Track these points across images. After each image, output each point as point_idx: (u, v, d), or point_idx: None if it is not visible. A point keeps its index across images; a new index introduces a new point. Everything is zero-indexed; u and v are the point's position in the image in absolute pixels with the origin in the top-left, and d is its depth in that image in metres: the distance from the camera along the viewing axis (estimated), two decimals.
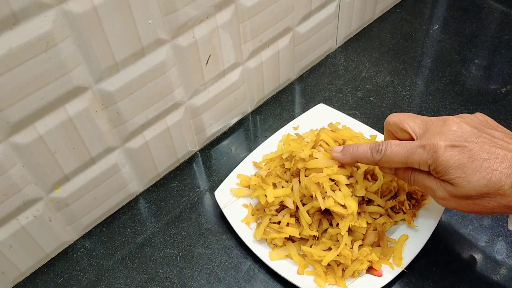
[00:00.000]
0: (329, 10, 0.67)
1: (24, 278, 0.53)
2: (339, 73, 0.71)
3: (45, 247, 0.52)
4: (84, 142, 0.48)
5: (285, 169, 0.53)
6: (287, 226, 0.50)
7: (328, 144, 0.52)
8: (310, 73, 0.72)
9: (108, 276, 0.52)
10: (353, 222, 0.48)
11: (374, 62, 0.72)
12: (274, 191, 0.51)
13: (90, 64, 0.44)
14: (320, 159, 0.49)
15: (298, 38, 0.66)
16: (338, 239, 0.48)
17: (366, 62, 0.73)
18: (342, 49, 0.75)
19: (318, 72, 0.72)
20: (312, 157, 0.49)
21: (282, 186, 0.52)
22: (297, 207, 0.50)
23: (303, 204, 0.50)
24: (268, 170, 0.55)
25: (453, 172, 0.39)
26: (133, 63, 0.47)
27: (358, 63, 0.73)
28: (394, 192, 0.52)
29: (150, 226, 0.56)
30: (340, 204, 0.47)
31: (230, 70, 0.59)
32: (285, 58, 0.66)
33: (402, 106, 0.66)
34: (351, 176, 0.49)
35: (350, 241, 0.48)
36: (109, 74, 0.46)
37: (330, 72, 0.72)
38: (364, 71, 0.71)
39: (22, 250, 0.50)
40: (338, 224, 0.48)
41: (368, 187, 0.49)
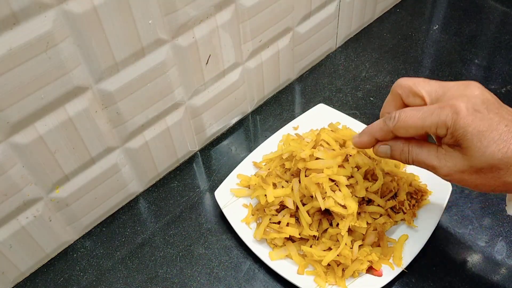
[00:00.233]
0: (329, 10, 0.67)
1: (24, 278, 0.53)
2: (339, 73, 0.71)
3: (45, 247, 0.52)
4: (84, 142, 0.48)
5: (285, 169, 0.53)
6: (287, 226, 0.50)
7: (328, 144, 0.52)
8: (310, 73, 0.72)
9: (108, 276, 0.52)
10: (353, 222, 0.48)
11: (374, 62, 0.72)
12: (274, 191, 0.51)
13: (90, 64, 0.44)
14: (320, 160, 0.49)
15: (298, 38, 0.66)
16: (338, 239, 0.48)
17: (366, 62, 0.73)
18: (342, 49, 0.75)
19: (318, 72, 0.72)
20: (312, 157, 0.49)
21: (282, 186, 0.52)
22: (297, 207, 0.50)
23: (303, 204, 0.50)
24: (268, 170, 0.55)
25: (470, 139, 0.37)
26: (133, 63, 0.47)
27: (358, 63, 0.73)
28: (394, 192, 0.52)
29: (150, 226, 0.56)
30: (340, 204, 0.47)
31: (230, 70, 0.59)
32: (285, 58, 0.66)
33: None
34: (351, 176, 0.49)
35: (350, 241, 0.48)
36: (109, 74, 0.46)
37: (330, 72, 0.72)
38: (364, 71, 0.71)
39: (22, 250, 0.50)
40: (338, 224, 0.48)
41: (368, 187, 0.49)
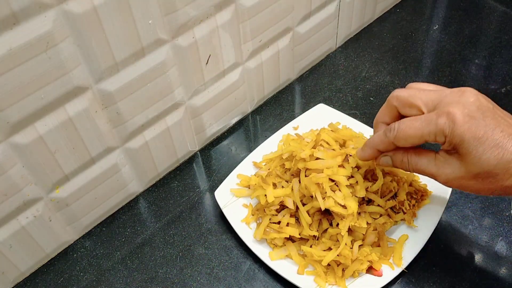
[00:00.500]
0: (329, 10, 0.67)
1: (24, 278, 0.53)
2: (339, 73, 0.71)
3: (45, 247, 0.52)
4: (84, 142, 0.48)
5: (285, 169, 0.53)
6: (287, 226, 0.50)
7: (328, 144, 0.52)
8: (310, 73, 0.72)
9: (108, 276, 0.52)
10: (353, 222, 0.48)
11: (374, 62, 0.72)
12: (274, 191, 0.51)
13: (90, 64, 0.44)
14: (320, 160, 0.49)
15: (298, 38, 0.66)
16: (338, 239, 0.48)
17: (366, 62, 0.73)
18: (342, 49, 0.75)
19: (318, 72, 0.72)
20: (312, 157, 0.49)
21: (282, 186, 0.52)
22: (297, 207, 0.50)
23: (303, 204, 0.50)
24: (268, 170, 0.55)
25: (467, 146, 0.38)
26: (133, 63, 0.47)
27: (358, 63, 0.73)
28: (394, 192, 0.52)
29: (150, 226, 0.56)
30: (340, 204, 0.47)
31: (230, 70, 0.59)
32: (285, 58, 0.66)
33: None
34: (351, 176, 0.49)
35: (350, 241, 0.48)
36: (109, 74, 0.46)
37: (330, 72, 0.72)
38: (364, 71, 0.71)
39: (22, 250, 0.50)
40: (338, 224, 0.48)
41: (368, 187, 0.49)
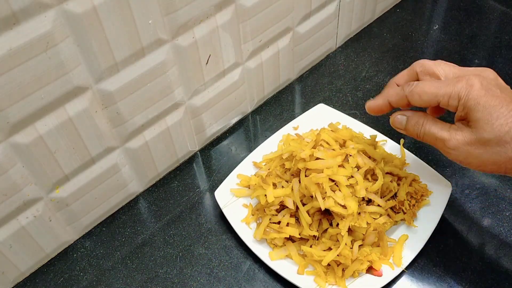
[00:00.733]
0: (329, 10, 0.67)
1: (24, 278, 0.53)
2: (339, 73, 0.71)
3: (45, 247, 0.52)
4: (84, 142, 0.48)
5: (285, 169, 0.53)
6: (287, 226, 0.50)
7: (328, 144, 0.52)
8: (310, 73, 0.72)
9: (108, 276, 0.52)
10: (353, 222, 0.48)
11: (374, 62, 0.72)
12: (274, 191, 0.51)
13: (90, 64, 0.44)
14: (320, 160, 0.49)
15: (298, 38, 0.66)
16: (338, 239, 0.48)
17: (366, 62, 0.73)
18: (342, 49, 0.75)
19: (318, 72, 0.72)
20: (312, 157, 0.49)
21: (282, 186, 0.52)
22: (297, 207, 0.50)
23: (303, 204, 0.50)
24: (268, 170, 0.55)
25: (480, 110, 0.40)
26: (133, 63, 0.47)
27: (358, 63, 0.73)
28: (394, 192, 0.52)
29: (150, 226, 0.56)
30: (340, 204, 0.47)
31: (230, 70, 0.59)
32: (285, 58, 0.66)
33: None
34: (351, 176, 0.49)
35: (350, 241, 0.48)
36: (109, 74, 0.46)
37: (330, 72, 0.72)
38: (364, 71, 0.71)
39: (22, 250, 0.50)
40: (338, 224, 0.48)
41: (368, 187, 0.49)
